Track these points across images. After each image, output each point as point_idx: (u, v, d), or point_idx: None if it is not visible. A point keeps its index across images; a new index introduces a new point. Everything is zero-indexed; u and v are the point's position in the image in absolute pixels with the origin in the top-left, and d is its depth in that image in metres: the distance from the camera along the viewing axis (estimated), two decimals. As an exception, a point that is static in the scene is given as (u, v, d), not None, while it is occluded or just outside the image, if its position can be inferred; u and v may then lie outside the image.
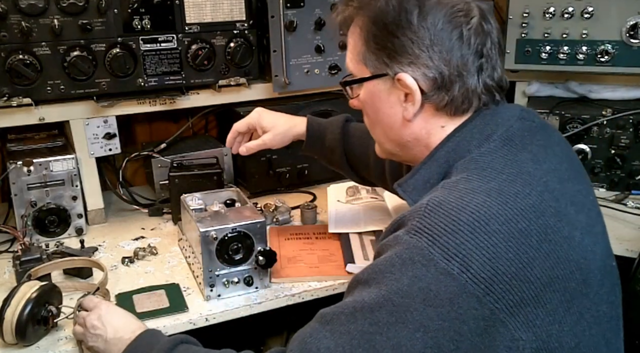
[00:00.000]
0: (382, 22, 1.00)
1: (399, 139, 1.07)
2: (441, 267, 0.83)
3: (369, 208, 1.74)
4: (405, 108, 1.02)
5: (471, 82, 0.99)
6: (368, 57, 1.03)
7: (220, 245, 1.32)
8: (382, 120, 1.07)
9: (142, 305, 1.33)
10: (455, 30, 0.97)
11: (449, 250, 0.83)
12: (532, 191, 0.90)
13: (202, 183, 1.65)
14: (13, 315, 1.17)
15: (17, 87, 1.56)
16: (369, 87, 1.06)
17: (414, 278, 0.84)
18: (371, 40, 1.02)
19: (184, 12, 1.69)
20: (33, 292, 1.19)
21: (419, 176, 1.01)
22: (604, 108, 1.80)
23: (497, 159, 0.94)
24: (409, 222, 0.89)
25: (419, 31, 0.97)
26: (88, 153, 1.71)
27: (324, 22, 1.79)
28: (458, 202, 0.87)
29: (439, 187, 0.94)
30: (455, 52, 0.97)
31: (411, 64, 0.98)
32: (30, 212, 1.62)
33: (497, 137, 0.97)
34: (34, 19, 1.53)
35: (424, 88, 0.99)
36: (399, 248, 0.87)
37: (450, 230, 0.84)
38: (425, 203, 0.89)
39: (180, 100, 1.75)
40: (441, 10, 0.97)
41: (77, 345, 1.21)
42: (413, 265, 0.85)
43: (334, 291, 1.43)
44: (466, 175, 0.93)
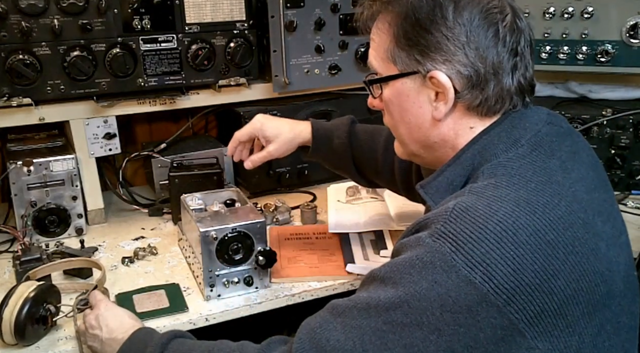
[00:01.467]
0: (414, 18, 0.96)
1: (425, 140, 1.03)
2: (463, 274, 0.81)
3: (369, 208, 1.74)
4: (435, 107, 0.99)
5: (506, 81, 0.96)
6: (397, 54, 0.99)
7: (220, 245, 1.32)
8: (409, 120, 1.03)
9: (142, 305, 1.33)
10: (491, 27, 0.94)
11: (473, 259, 0.81)
12: (561, 202, 0.88)
13: (202, 184, 1.64)
14: (11, 315, 1.16)
15: (17, 87, 1.56)
16: (395, 86, 1.02)
17: (433, 283, 0.82)
18: (402, 37, 0.97)
19: (184, 12, 1.69)
20: (31, 292, 1.19)
21: (443, 178, 0.98)
22: (604, 108, 1.80)
23: (525, 166, 0.92)
24: (433, 225, 0.87)
25: (454, 27, 0.93)
26: (88, 153, 1.71)
27: (324, 22, 1.79)
28: (486, 209, 0.85)
29: (466, 191, 0.90)
30: (492, 50, 0.94)
31: (446, 61, 0.95)
32: (30, 212, 1.62)
33: (525, 142, 0.95)
34: (34, 19, 1.53)
35: (458, 87, 0.96)
36: (421, 250, 0.85)
37: (476, 237, 0.82)
38: (452, 208, 0.86)
39: (180, 100, 1.75)
40: (477, 6, 0.94)
41: (78, 343, 1.21)
42: (434, 269, 0.83)
43: (334, 291, 1.43)
44: (494, 181, 0.90)
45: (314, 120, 1.53)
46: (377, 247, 1.55)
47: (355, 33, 1.84)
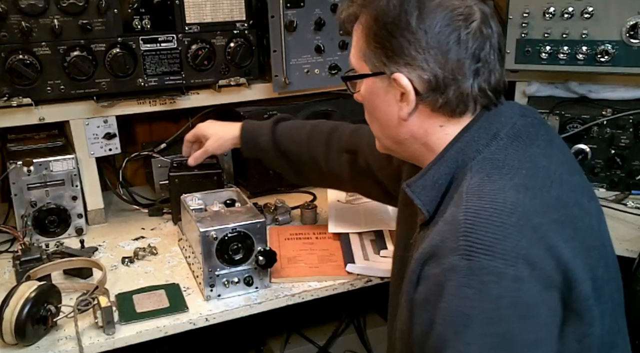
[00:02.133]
0: (382, 22, 1.00)
1: (395, 137, 1.07)
2: (512, 275, 0.82)
3: (369, 208, 1.74)
4: (400, 107, 1.02)
5: (466, 85, 0.98)
6: (368, 54, 1.03)
7: (220, 245, 1.32)
8: (380, 117, 1.08)
9: (142, 305, 1.33)
10: (453, 33, 0.96)
11: (510, 256, 0.82)
12: (553, 183, 0.92)
13: (202, 183, 1.64)
14: (12, 315, 1.17)
15: (17, 87, 1.56)
16: (368, 84, 1.06)
17: (496, 300, 0.82)
18: (371, 39, 1.02)
19: (184, 12, 1.69)
20: (32, 292, 1.19)
21: (428, 176, 1.00)
22: (604, 108, 1.80)
23: (510, 156, 0.95)
24: (452, 244, 0.86)
25: (416, 33, 0.97)
26: (88, 153, 1.71)
27: (324, 22, 1.79)
28: (493, 205, 0.86)
29: (463, 194, 0.91)
30: (452, 56, 0.96)
31: (407, 64, 0.98)
32: (30, 212, 1.62)
33: (503, 134, 0.98)
34: (34, 19, 1.53)
35: (419, 89, 0.99)
36: (461, 277, 0.84)
37: (500, 236, 0.83)
38: (463, 219, 0.86)
39: (180, 100, 1.75)
40: (441, 13, 0.97)
41: (78, 344, 1.21)
42: (487, 287, 0.82)
43: (334, 291, 1.43)
44: (485, 175, 0.93)
45: (247, 120, 1.62)
46: (377, 247, 1.55)
47: (355, 33, 1.84)
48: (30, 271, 1.34)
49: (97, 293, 1.29)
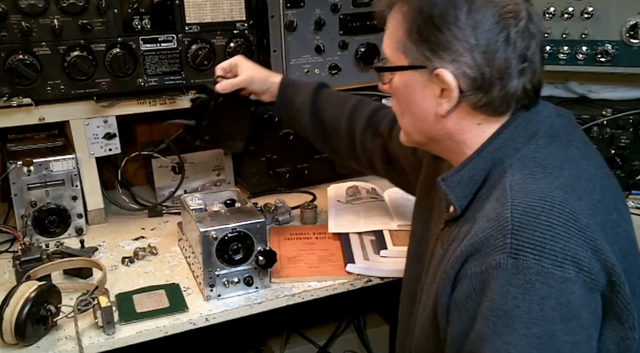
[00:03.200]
0: (428, 14, 0.96)
1: (429, 132, 1.04)
2: (558, 276, 0.81)
3: (369, 208, 1.74)
4: (439, 103, 0.99)
5: (511, 85, 0.96)
6: (408, 46, 0.99)
7: (220, 245, 1.32)
8: (414, 111, 1.04)
9: (142, 305, 1.33)
10: (502, 32, 0.93)
11: (558, 256, 0.81)
12: (595, 187, 0.92)
13: (240, 111, 1.55)
14: (12, 315, 1.17)
15: (17, 87, 1.56)
16: (404, 77, 1.02)
17: (541, 301, 0.81)
18: (414, 31, 0.98)
19: (184, 12, 1.69)
20: (32, 292, 1.19)
21: (465, 172, 0.99)
22: (604, 108, 1.80)
23: (551, 155, 0.94)
24: (498, 242, 0.84)
25: (465, 29, 0.93)
26: (88, 153, 1.71)
27: (324, 22, 1.79)
28: (541, 203, 0.85)
29: (507, 190, 0.89)
30: (500, 55, 0.94)
31: (453, 61, 0.95)
32: (30, 212, 1.62)
33: (542, 133, 0.97)
34: (34, 19, 1.53)
35: (463, 87, 0.96)
36: (507, 275, 0.83)
37: (549, 236, 0.82)
38: (510, 216, 0.85)
39: (180, 100, 1.75)
40: (491, 9, 0.93)
41: (78, 344, 1.21)
42: (533, 287, 0.81)
43: (334, 291, 1.43)
44: (529, 172, 0.91)
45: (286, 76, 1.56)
46: (377, 247, 1.55)
47: (355, 33, 1.84)
48: (30, 271, 1.34)
49: (97, 293, 1.29)
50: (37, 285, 1.22)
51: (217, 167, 1.94)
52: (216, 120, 1.50)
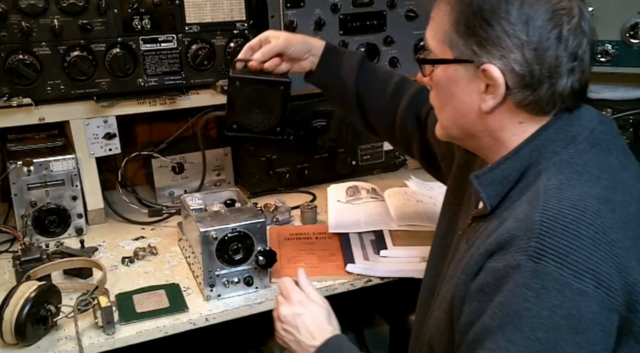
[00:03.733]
0: (477, 7, 0.92)
1: (469, 128, 1.01)
2: (576, 287, 0.80)
3: (369, 208, 1.74)
4: (483, 99, 0.96)
5: (560, 84, 0.93)
6: (454, 39, 0.96)
7: (220, 245, 1.32)
8: (455, 106, 1.00)
9: (142, 305, 1.33)
10: (555, 29, 0.90)
11: (579, 268, 0.80)
12: (631, 200, 0.89)
13: (265, 93, 1.41)
14: (12, 315, 1.17)
15: (17, 87, 1.56)
16: (447, 70, 0.99)
17: (553, 308, 0.80)
18: (462, 24, 0.94)
19: (184, 12, 1.69)
20: (32, 292, 1.19)
21: (499, 171, 0.97)
22: (604, 108, 1.80)
23: (589, 163, 0.91)
24: (523, 243, 0.83)
25: (516, 24, 0.90)
26: (88, 153, 1.71)
27: (324, 22, 1.79)
28: (573, 212, 0.83)
29: (540, 193, 0.87)
30: (551, 52, 0.91)
31: (502, 57, 0.91)
32: (30, 212, 1.62)
33: (582, 139, 0.94)
34: (34, 19, 1.53)
35: (510, 84, 0.93)
36: (525, 277, 0.82)
37: (575, 246, 0.81)
38: (539, 219, 0.83)
39: (180, 100, 1.75)
40: (544, 5, 0.90)
41: (78, 344, 1.21)
42: (548, 293, 0.80)
43: (334, 291, 1.43)
44: (564, 178, 0.89)
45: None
46: (377, 247, 1.55)
47: (355, 33, 1.84)
48: (30, 271, 1.34)
49: (97, 293, 1.29)
50: (37, 285, 1.22)
51: (217, 167, 1.95)
52: (241, 106, 1.41)
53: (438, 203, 1.79)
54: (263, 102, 1.41)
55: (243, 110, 1.41)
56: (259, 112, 1.42)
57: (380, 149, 2.07)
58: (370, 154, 2.06)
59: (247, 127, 1.43)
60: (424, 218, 1.66)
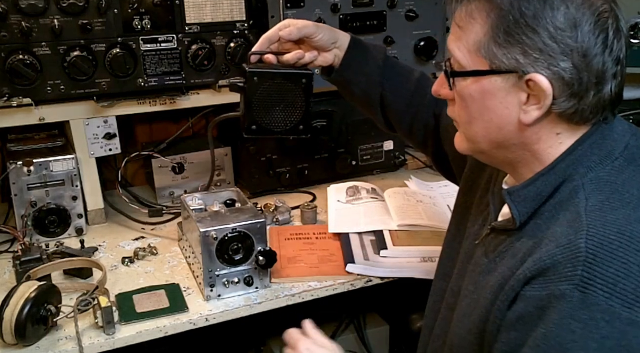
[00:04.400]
0: (519, 13, 0.86)
1: (503, 141, 0.95)
2: (625, 317, 0.77)
3: (369, 208, 1.74)
4: (525, 111, 0.90)
5: (606, 90, 0.89)
6: (491, 49, 0.89)
7: (220, 245, 1.32)
8: (490, 119, 0.94)
9: (142, 305, 1.33)
10: (602, 33, 0.87)
11: (628, 297, 0.77)
12: None
13: (286, 88, 1.30)
14: (12, 315, 1.17)
15: (17, 87, 1.56)
16: (482, 82, 0.92)
17: (601, 340, 0.77)
18: (501, 32, 0.88)
19: (184, 12, 1.69)
20: (32, 292, 1.19)
21: (533, 188, 0.92)
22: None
23: (628, 181, 0.88)
24: (568, 271, 0.80)
25: (565, 29, 0.85)
26: (88, 153, 1.71)
27: (324, 22, 1.78)
28: (619, 237, 0.80)
29: (582, 216, 0.84)
30: (598, 58, 0.87)
31: (550, 65, 0.86)
32: (30, 212, 1.62)
33: (618, 154, 0.91)
34: (34, 19, 1.53)
35: (556, 93, 0.87)
36: (571, 308, 0.78)
37: (623, 274, 0.77)
38: (584, 247, 0.80)
39: (180, 100, 1.75)
40: (589, 8, 0.86)
41: (78, 344, 1.21)
42: (596, 325, 0.77)
43: (334, 291, 1.43)
44: (605, 198, 0.85)
45: None
46: (377, 247, 1.55)
47: (355, 33, 1.83)
48: (31, 271, 1.34)
49: (97, 293, 1.29)
50: (37, 285, 1.22)
51: (217, 167, 1.94)
52: (260, 105, 1.29)
53: (438, 204, 1.80)
54: (284, 98, 1.30)
55: (263, 108, 1.30)
56: (280, 110, 1.31)
57: (380, 149, 2.07)
58: (370, 154, 2.06)
59: (267, 126, 1.32)
60: (424, 218, 1.66)
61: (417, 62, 1.90)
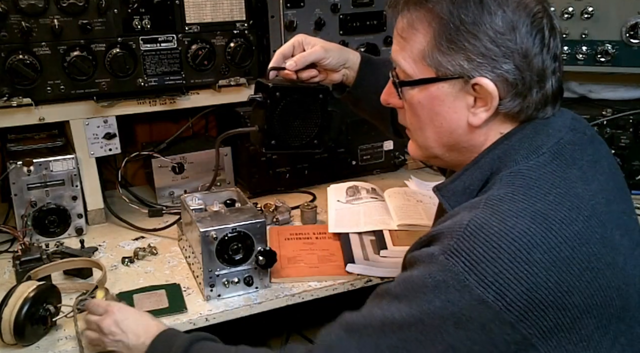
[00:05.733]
0: (459, 21, 0.90)
1: (454, 144, 0.99)
2: (476, 294, 0.81)
3: (369, 208, 1.74)
4: (473, 113, 0.95)
5: (548, 87, 0.94)
6: (436, 57, 0.93)
7: (220, 245, 1.32)
8: (440, 124, 0.98)
9: (142, 305, 1.33)
10: (538, 34, 0.91)
11: (486, 279, 0.81)
12: (579, 216, 0.86)
13: (304, 104, 1.31)
14: (11, 315, 1.17)
15: (17, 87, 1.56)
16: (430, 90, 0.96)
17: (446, 302, 0.82)
18: (444, 40, 0.92)
19: (184, 12, 1.69)
20: (31, 291, 1.19)
21: (460, 182, 0.97)
22: (604, 108, 1.80)
23: (545, 176, 0.90)
24: (446, 240, 0.85)
25: (505, 33, 0.89)
26: (88, 153, 1.71)
27: (324, 22, 1.79)
28: (501, 225, 0.83)
29: (481, 203, 0.88)
30: (538, 57, 0.91)
31: (494, 68, 0.90)
32: (30, 212, 1.62)
33: (546, 149, 0.93)
34: (34, 19, 1.53)
35: (501, 94, 0.92)
36: (433, 268, 0.85)
37: (489, 257, 0.81)
38: (466, 224, 0.85)
39: (180, 100, 1.75)
40: (524, 10, 0.90)
41: (78, 344, 1.21)
42: (447, 289, 0.83)
43: (334, 291, 1.43)
44: (511, 191, 0.88)
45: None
46: (377, 247, 1.55)
47: (355, 33, 1.84)
48: (31, 271, 1.34)
49: (101, 291, 1.29)
50: (37, 285, 1.22)
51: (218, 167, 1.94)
52: (280, 120, 1.30)
53: (438, 204, 1.79)
54: (302, 113, 1.32)
55: (283, 124, 1.31)
56: (297, 125, 1.32)
57: (380, 149, 2.08)
58: (370, 154, 2.06)
59: (286, 141, 1.33)
60: (424, 218, 1.66)
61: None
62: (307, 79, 1.33)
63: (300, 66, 1.30)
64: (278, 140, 1.32)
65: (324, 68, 1.34)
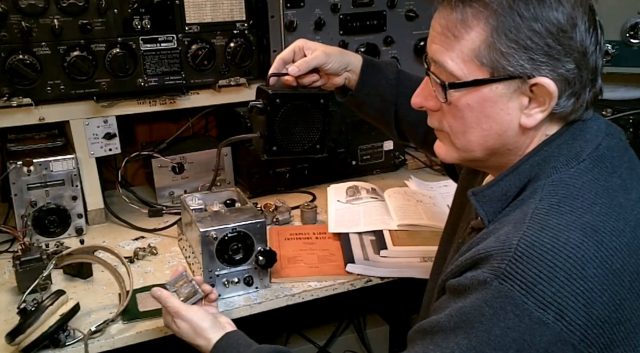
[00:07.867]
0: (519, 16, 0.85)
1: (500, 147, 0.94)
2: (535, 316, 0.78)
3: (369, 209, 1.74)
4: (527, 115, 0.90)
5: (598, 85, 0.91)
6: (494, 56, 0.87)
7: (220, 245, 1.32)
8: (489, 127, 0.92)
9: (145, 304, 1.33)
10: (594, 31, 0.88)
11: (544, 299, 0.78)
12: (626, 227, 0.84)
13: (305, 109, 1.31)
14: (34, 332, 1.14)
15: (17, 87, 1.56)
16: (482, 91, 0.90)
17: (506, 330, 0.79)
18: (502, 38, 0.86)
19: (184, 12, 1.69)
20: (67, 312, 1.18)
21: (498, 188, 0.93)
22: (604, 108, 1.80)
23: (588, 185, 0.87)
24: (496, 263, 0.82)
25: (567, 30, 0.85)
26: (88, 153, 1.71)
27: (324, 22, 1.79)
28: (553, 243, 0.80)
29: (527, 218, 0.85)
30: (593, 55, 0.88)
31: (556, 68, 0.86)
32: (30, 212, 1.62)
33: (586, 156, 0.90)
34: (34, 19, 1.53)
35: (559, 94, 0.88)
36: (488, 295, 0.81)
37: (545, 277, 0.79)
38: (516, 243, 0.81)
39: (180, 100, 1.75)
40: (581, 6, 0.86)
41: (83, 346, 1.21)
42: (505, 315, 0.80)
43: (334, 291, 1.43)
44: (556, 202, 0.85)
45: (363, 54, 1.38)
46: (377, 247, 1.55)
47: (355, 33, 1.84)
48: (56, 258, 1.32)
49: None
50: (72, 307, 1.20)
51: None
52: (281, 126, 1.30)
53: (438, 204, 1.80)
54: (303, 118, 1.31)
55: (284, 130, 1.31)
56: (299, 130, 1.32)
57: (380, 149, 2.08)
58: (370, 154, 2.06)
59: (288, 147, 1.33)
60: (424, 218, 1.66)
61: (417, 62, 1.90)
62: (309, 83, 1.31)
63: (303, 71, 1.28)
64: (279, 146, 1.32)
65: (325, 72, 1.32)
